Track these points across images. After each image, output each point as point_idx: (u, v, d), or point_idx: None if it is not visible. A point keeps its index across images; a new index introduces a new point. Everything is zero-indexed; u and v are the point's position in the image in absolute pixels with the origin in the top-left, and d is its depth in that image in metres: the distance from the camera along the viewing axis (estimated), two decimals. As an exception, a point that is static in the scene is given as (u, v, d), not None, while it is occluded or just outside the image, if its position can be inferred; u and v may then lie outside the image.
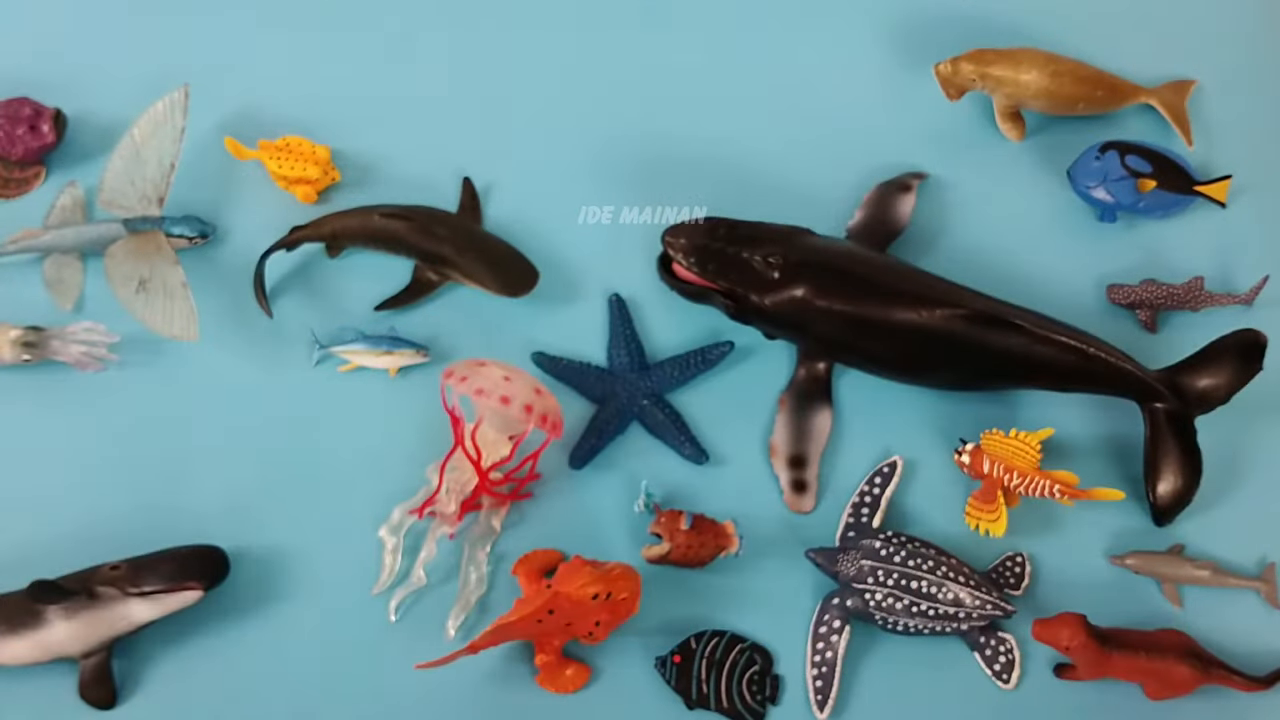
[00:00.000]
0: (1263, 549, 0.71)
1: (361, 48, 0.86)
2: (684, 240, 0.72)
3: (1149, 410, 0.71)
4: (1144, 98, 0.82)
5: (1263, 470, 0.73)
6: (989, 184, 0.81)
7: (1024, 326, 0.69)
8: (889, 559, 0.66)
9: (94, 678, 0.65)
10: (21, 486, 0.71)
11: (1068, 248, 0.79)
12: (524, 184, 0.81)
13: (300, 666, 0.67)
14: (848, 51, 0.86)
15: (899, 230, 0.78)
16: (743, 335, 0.75)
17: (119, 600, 0.64)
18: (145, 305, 0.74)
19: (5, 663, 0.64)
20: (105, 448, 0.72)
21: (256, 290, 0.75)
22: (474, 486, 0.69)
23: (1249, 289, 0.76)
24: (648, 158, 0.82)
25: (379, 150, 0.82)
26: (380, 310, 0.76)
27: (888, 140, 0.82)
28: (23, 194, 0.80)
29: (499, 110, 0.83)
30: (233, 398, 0.74)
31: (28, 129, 0.79)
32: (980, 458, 0.68)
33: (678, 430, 0.72)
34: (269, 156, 0.77)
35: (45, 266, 0.77)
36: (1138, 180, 0.77)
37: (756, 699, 0.66)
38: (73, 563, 0.66)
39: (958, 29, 0.85)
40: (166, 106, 0.78)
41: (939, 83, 0.81)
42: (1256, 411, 0.73)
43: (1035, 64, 0.80)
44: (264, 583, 0.69)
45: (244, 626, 0.68)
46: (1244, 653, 0.68)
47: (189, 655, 0.67)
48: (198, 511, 0.70)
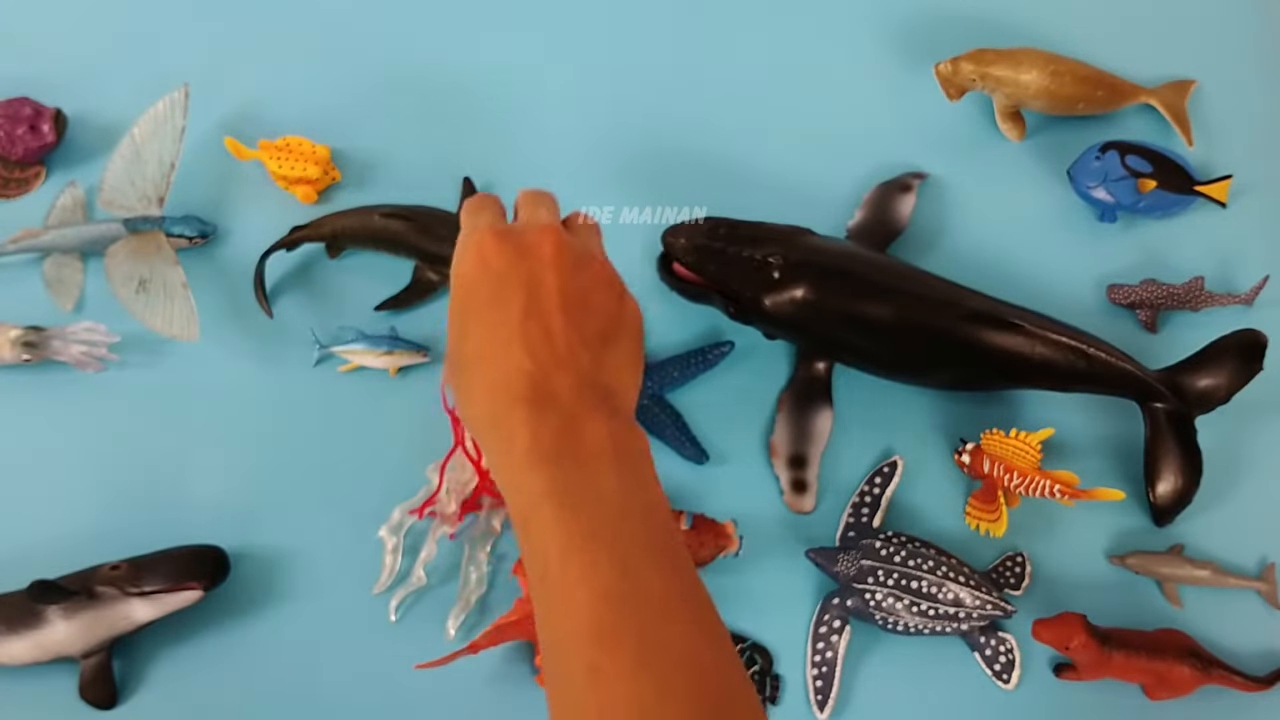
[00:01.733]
0: (1263, 549, 0.71)
1: (361, 48, 0.86)
2: (684, 240, 0.72)
3: (1149, 410, 0.71)
4: (1144, 98, 0.82)
5: (1263, 470, 0.73)
6: (989, 184, 0.81)
7: (1024, 326, 0.69)
8: (889, 559, 0.66)
9: (94, 678, 0.65)
10: (21, 486, 0.71)
11: (1068, 248, 0.79)
12: (524, 184, 0.81)
13: (300, 666, 0.67)
14: (848, 51, 0.86)
15: (899, 230, 0.78)
16: (743, 335, 0.75)
17: (119, 600, 0.64)
18: (145, 305, 0.74)
19: (5, 663, 0.64)
20: (105, 448, 0.72)
21: (257, 290, 0.75)
22: (474, 486, 0.69)
23: (1249, 289, 0.76)
24: (648, 158, 0.82)
25: (379, 150, 0.82)
26: (380, 310, 0.76)
27: (888, 140, 0.82)
28: (23, 194, 0.80)
29: (499, 110, 0.84)
30: (233, 398, 0.74)
31: (28, 129, 0.79)
32: (980, 458, 0.68)
33: (678, 430, 0.72)
34: (269, 156, 0.77)
35: (45, 266, 0.77)
36: (1138, 180, 0.77)
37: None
38: (73, 563, 0.66)
39: (958, 29, 0.85)
40: (166, 106, 0.78)
41: (939, 83, 0.81)
42: (1256, 411, 0.73)
43: (1035, 64, 0.80)
44: (264, 583, 0.69)
45: (244, 626, 0.68)
46: (1244, 653, 0.68)
47: (189, 655, 0.67)
48: (198, 511, 0.70)
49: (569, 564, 0.46)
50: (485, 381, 0.51)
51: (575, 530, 0.46)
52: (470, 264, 0.54)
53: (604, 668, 0.44)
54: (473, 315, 0.53)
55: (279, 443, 0.73)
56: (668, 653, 0.44)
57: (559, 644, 0.46)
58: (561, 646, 0.46)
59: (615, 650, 0.44)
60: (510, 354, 0.51)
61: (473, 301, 0.53)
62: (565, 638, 0.45)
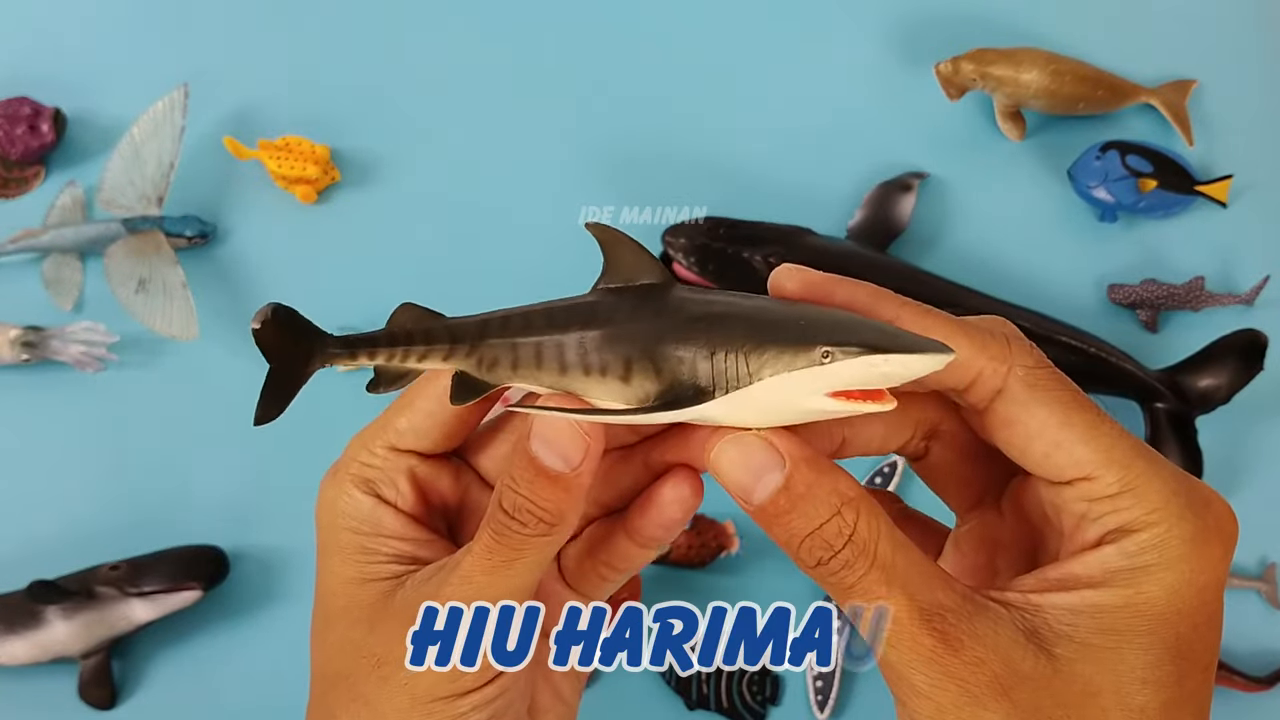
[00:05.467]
0: (1263, 549, 0.71)
1: (362, 47, 0.86)
2: (684, 240, 0.72)
3: (1150, 410, 0.71)
4: (1144, 97, 0.82)
5: (1263, 470, 0.73)
6: (989, 184, 0.81)
7: (1024, 326, 0.69)
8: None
9: (94, 678, 0.65)
10: (21, 486, 0.71)
11: (1068, 248, 0.79)
12: (524, 184, 0.81)
13: (300, 666, 0.67)
14: (847, 51, 0.86)
15: (899, 230, 0.78)
16: (743, 335, 0.75)
17: (119, 600, 0.64)
18: (145, 305, 0.74)
19: (5, 663, 0.64)
20: (105, 448, 0.72)
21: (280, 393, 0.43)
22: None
23: (1249, 289, 0.76)
24: (648, 158, 0.82)
25: (379, 150, 0.81)
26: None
27: (888, 140, 0.82)
28: (22, 194, 0.80)
29: (499, 110, 0.83)
30: (232, 398, 0.74)
31: (27, 128, 0.79)
32: (980, 458, 0.68)
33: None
34: (269, 156, 0.77)
35: (44, 266, 0.77)
36: (1138, 180, 0.77)
37: (757, 699, 0.66)
38: (73, 563, 0.66)
39: (958, 29, 0.85)
40: (166, 106, 0.78)
41: (939, 83, 0.81)
42: (1257, 411, 0.73)
43: (1036, 64, 0.80)
44: (264, 583, 0.69)
45: (244, 626, 0.68)
46: (1244, 653, 0.68)
47: (189, 655, 0.67)
48: (197, 511, 0.70)
49: None
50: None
51: None
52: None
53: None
54: None
55: (279, 443, 0.72)
56: None
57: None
58: None
59: None
60: None
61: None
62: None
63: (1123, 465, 0.31)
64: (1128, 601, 0.30)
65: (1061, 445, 0.31)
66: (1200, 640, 0.30)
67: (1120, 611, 0.30)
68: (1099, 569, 0.31)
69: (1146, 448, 0.31)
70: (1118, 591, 0.30)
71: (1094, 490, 0.31)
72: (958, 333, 0.32)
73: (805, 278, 0.34)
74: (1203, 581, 0.30)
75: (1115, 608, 0.30)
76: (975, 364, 0.32)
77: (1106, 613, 0.30)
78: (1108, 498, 0.31)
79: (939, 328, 0.32)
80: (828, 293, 0.34)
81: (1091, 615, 0.30)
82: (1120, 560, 0.30)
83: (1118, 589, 0.30)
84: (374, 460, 0.38)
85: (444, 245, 0.79)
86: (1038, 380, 0.32)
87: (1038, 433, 0.31)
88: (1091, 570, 0.31)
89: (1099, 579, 0.30)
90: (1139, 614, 0.30)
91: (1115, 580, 0.30)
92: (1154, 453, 0.31)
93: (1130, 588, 0.30)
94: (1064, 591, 0.31)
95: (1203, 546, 0.30)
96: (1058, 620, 0.30)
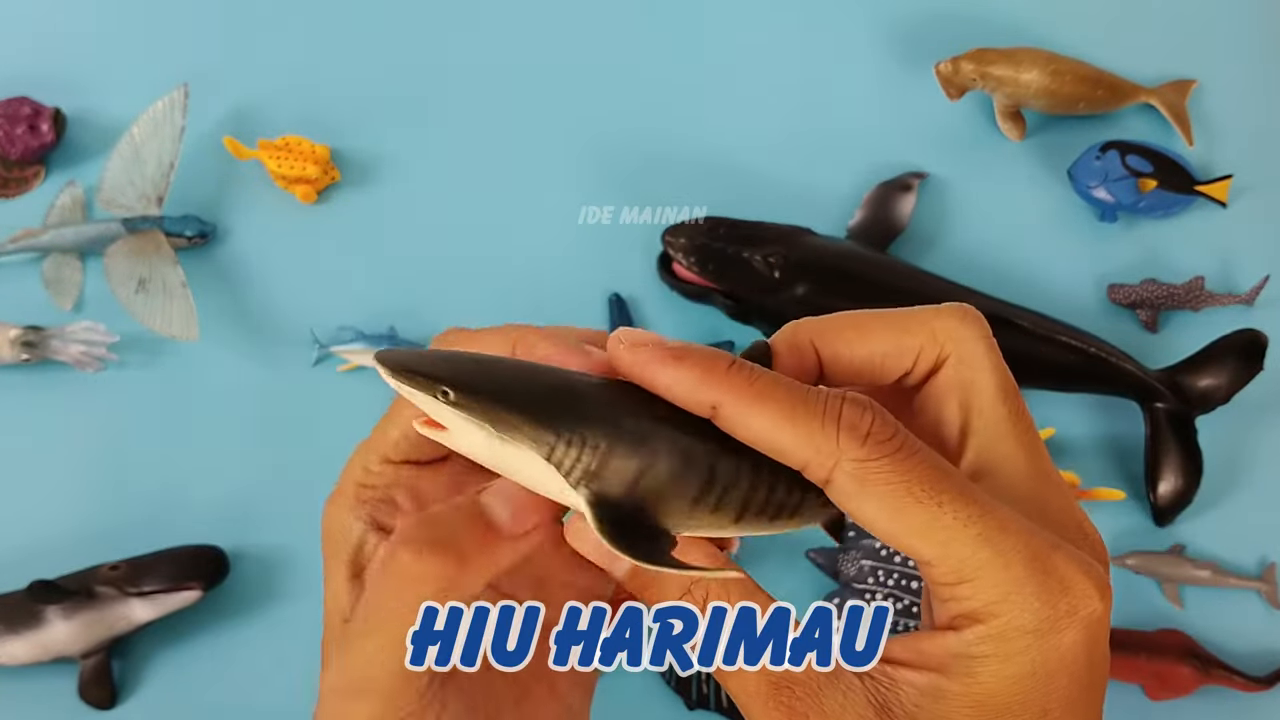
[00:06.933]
0: (1263, 549, 0.71)
1: (361, 47, 0.86)
2: (684, 240, 0.72)
3: (1150, 410, 0.71)
4: (1144, 97, 0.82)
5: (1263, 470, 0.73)
6: (989, 184, 0.81)
7: (1024, 326, 0.69)
8: (889, 559, 0.66)
9: (94, 678, 0.65)
10: (21, 486, 0.71)
11: (1068, 248, 0.79)
12: (524, 184, 0.81)
13: (300, 667, 0.67)
14: (847, 51, 0.86)
15: (899, 230, 0.78)
16: (743, 335, 0.75)
17: (119, 600, 0.64)
18: (145, 305, 0.74)
19: (5, 663, 0.64)
20: (105, 447, 0.72)
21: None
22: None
23: (1249, 289, 0.76)
24: (648, 158, 0.82)
25: (379, 150, 0.82)
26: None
27: (888, 140, 0.82)
28: (22, 193, 0.80)
29: (499, 110, 0.83)
30: (232, 398, 0.74)
31: (27, 128, 0.79)
32: (980, 458, 0.68)
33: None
34: (269, 156, 0.77)
35: (44, 266, 0.77)
36: (1138, 180, 0.77)
37: (757, 699, 0.66)
38: (72, 563, 0.66)
39: (958, 29, 0.85)
40: (166, 106, 0.78)
41: (939, 83, 0.81)
42: (1257, 411, 0.73)
43: (1036, 64, 0.80)
44: (264, 583, 0.69)
45: (244, 626, 0.68)
46: (1244, 653, 0.68)
47: (189, 655, 0.67)
48: (198, 511, 0.70)
49: None
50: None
51: None
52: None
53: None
54: None
55: (279, 443, 0.73)
56: None
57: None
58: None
59: None
60: None
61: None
62: None
63: (960, 558, 0.29)
64: (965, 690, 0.29)
65: (895, 538, 0.30)
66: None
67: (957, 699, 0.29)
68: (943, 652, 0.30)
69: (1002, 530, 0.29)
70: (957, 679, 0.29)
71: (934, 576, 0.30)
72: (783, 423, 0.29)
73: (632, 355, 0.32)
74: (1049, 670, 0.29)
75: (954, 694, 0.29)
76: (799, 456, 0.30)
77: (946, 699, 0.30)
78: (947, 585, 0.30)
79: (767, 412, 0.30)
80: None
81: (935, 699, 0.30)
82: (960, 648, 0.29)
83: (957, 677, 0.29)
84: (370, 478, 0.38)
85: (444, 245, 0.79)
86: (866, 474, 0.29)
87: (869, 525, 0.30)
88: (938, 652, 0.30)
89: (944, 663, 0.30)
90: (976, 704, 0.29)
91: (955, 667, 0.30)
92: (1010, 534, 0.29)
93: (969, 677, 0.29)
94: (915, 670, 0.30)
95: (1049, 637, 0.29)
96: (909, 699, 0.30)
